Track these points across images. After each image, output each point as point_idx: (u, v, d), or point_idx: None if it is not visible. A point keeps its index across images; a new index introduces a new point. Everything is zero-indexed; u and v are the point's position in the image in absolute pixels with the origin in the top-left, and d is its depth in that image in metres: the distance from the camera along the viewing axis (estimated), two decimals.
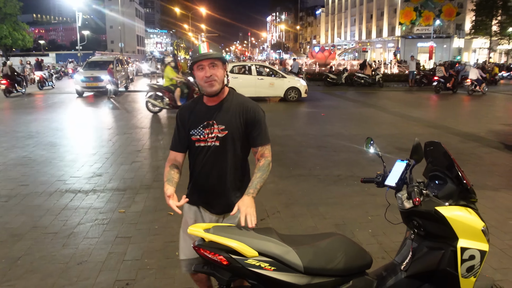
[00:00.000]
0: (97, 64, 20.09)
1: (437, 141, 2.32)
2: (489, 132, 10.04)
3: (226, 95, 2.42)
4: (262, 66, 18.08)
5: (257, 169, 2.38)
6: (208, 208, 2.47)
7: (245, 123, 2.36)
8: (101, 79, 18.62)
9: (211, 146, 2.37)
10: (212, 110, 2.39)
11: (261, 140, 2.39)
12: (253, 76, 16.69)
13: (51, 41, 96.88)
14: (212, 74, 2.26)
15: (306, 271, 1.99)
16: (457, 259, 2.06)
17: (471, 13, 45.05)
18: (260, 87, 16.52)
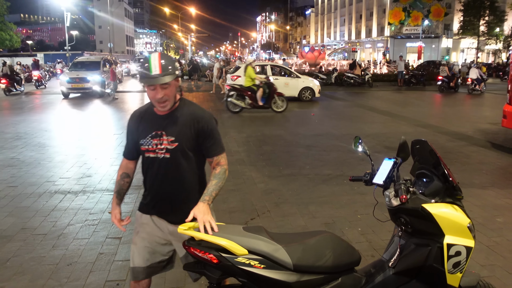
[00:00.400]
0: (84, 65, 19.46)
1: (423, 139, 2.35)
2: (476, 131, 10.17)
3: (177, 104, 2.33)
4: (278, 66, 18.17)
5: (213, 176, 2.32)
6: (164, 217, 2.39)
7: (197, 134, 2.28)
8: (87, 80, 17.92)
9: (161, 158, 2.29)
10: (161, 120, 2.30)
11: (215, 150, 2.34)
12: (269, 76, 16.64)
13: (39, 41, 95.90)
14: (164, 95, 2.18)
15: (295, 268, 2.01)
16: (443, 255, 2.10)
17: (459, 14, 45.59)
18: None
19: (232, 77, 16.80)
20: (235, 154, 7.66)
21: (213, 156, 2.34)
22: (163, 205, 2.38)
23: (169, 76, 2.16)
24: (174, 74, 2.20)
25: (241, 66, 17.81)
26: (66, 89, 18.01)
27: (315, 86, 17.09)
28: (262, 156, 7.52)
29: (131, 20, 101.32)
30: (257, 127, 10.63)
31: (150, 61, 2.15)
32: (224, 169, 2.35)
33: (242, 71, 16.13)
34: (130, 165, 2.52)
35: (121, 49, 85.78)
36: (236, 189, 5.65)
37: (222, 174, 2.33)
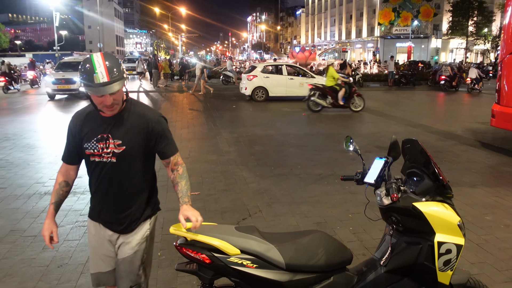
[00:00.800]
0: (70, 65, 18.52)
1: (414, 139, 2.37)
2: (466, 130, 10.27)
3: (123, 105, 2.17)
4: (293, 67, 18.25)
5: (179, 177, 2.25)
6: (108, 226, 2.27)
7: (147, 137, 2.17)
8: (73, 81, 17.01)
9: (107, 162, 2.15)
10: (107, 122, 2.15)
11: (170, 150, 2.24)
12: (284, 76, 16.91)
13: (27, 41, 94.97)
14: (113, 101, 2.05)
15: (288, 268, 2.02)
16: (434, 253, 2.12)
17: (448, 14, 46.09)
18: (290, 86, 16.72)
19: (248, 76, 16.88)
20: (226, 154, 7.65)
21: (169, 156, 2.24)
22: (109, 213, 2.25)
23: (118, 83, 2.00)
24: (123, 78, 2.03)
25: (257, 66, 17.91)
26: (52, 90, 17.35)
27: None
28: (253, 156, 7.52)
29: (121, 20, 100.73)
30: (247, 127, 10.63)
31: (95, 67, 1.97)
32: (185, 167, 2.29)
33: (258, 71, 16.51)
34: (71, 172, 2.34)
35: (111, 49, 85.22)
36: (227, 189, 5.65)
37: (186, 173, 2.28)
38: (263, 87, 16.63)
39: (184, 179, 2.25)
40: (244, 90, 16.91)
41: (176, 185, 2.25)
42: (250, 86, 16.55)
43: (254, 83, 16.60)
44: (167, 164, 2.27)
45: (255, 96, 16.61)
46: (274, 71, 17.50)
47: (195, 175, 6.22)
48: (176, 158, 2.27)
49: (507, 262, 3.72)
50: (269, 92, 16.67)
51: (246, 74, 17.21)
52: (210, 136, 9.41)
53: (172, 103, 16.64)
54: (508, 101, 7.89)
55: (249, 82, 16.61)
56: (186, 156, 7.46)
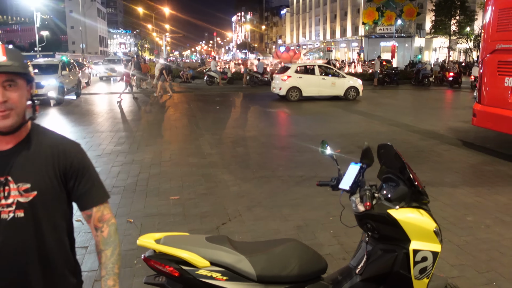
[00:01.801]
0: (40, 68, 17.23)
1: (389, 144, 2.32)
2: (449, 129, 10.35)
3: (28, 133, 1.52)
4: (325, 67, 18.40)
5: (103, 243, 1.59)
6: None
7: (65, 175, 1.52)
8: (41, 85, 15.50)
9: (9, 218, 1.44)
10: (5, 158, 1.47)
11: (95, 197, 1.59)
12: (317, 76, 17.11)
13: (8, 42, 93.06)
14: (7, 100, 1.40)
15: (259, 279, 1.95)
16: (409, 261, 2.07)
17: (431, 13, 46.62)
18: (323, 86, 17.06)
19: (282, 77, 16.93)
20: (208, 157, 7.55)
21: (92, 206, 1.58)
22: None
23: (18, 65, 1.42)
24: (26, 72, 1.46)
25: (290, 66, 17.92)
26: None
27: (359, 86, 17.53)
28: (235, 158, 7.44)
29: (104, 20, 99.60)
30: (231, 128, 10.54)
31: None
32: (114, 227, 1.63)
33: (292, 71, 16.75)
34: None
35: (94, 50, 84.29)
36: (208, 193, 5.55)
37: (114, 236, 1.61)
38: (297, 87, 16.86)
39: (111, 246, 1.59)
40: (279, 90, 17.08)
41: (99, 254, 1.60)
42: (285, 87, 16.77)
43: (288, 83, 16.84)
44: (88, 217, 1.60)
45: (289, 96, 16.80)
46: (307, 71, 17.72)
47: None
48: (102, 211, 1.60)
49: (488, 264, 3.71)
50: (302, 92, 16.91)
51: (279, 75, 17.35)
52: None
53: (159, 105, 16.46)
54: (489, 100, 7.95)
55: (283, 82, 16.82)
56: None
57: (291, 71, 17.16)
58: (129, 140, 9.06)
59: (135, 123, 11.45)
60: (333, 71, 18.07)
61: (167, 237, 2.05)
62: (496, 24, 7.61)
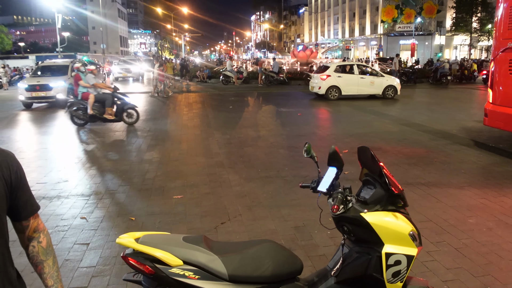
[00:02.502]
0: (50, 69, 16.82)
1: (366, 146, 2.34)
2: (462, 129, 10.18)
3: None
4: (364, 66, 18.57)
5: (43, 254, 1.60)
6: None
7: (11, 186, 1.48)
8: (49, 87, 15.18)
9: None
10: None
11: (33, 205, 1.60)
12: (356, 75, 17.30)
13: (32, 43, 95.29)
14: None
15: (231, 279, 2.00)
16: (382, 265, 2.09)
17: (451, 10, 45.72)
18: (362, 85, 17.26)
19: (321, 76, 17.11)
20: (215, 156, 7.63)
21: (30, 216, 1.58)
22: None
23: None
24: None
25: (329, 65, 18.17)
26: (25, 98, 15.24)
27: (397, 84, 17.60)
28: (242, 158, 7.49)
29: (124, 20, 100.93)
30: (241, 128, 10.61)
31: None
32: (49, 236, 1.66)
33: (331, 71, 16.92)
34: None
35: (115, 50, 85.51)
36: (211, 192, 5.63)
37: (51, 245, 1.64)
38: (336, 86, 17.06)
39: (51, 256, 1.60)
40: (318, 90, 17.24)
41: (39, 265, 1.60)
42: (324, 86, 16.93)
43: (328, 82, 17.02)
44: (22, 229, 1.59)
45: (329, 95, 17.00)
46: (346, 70, 17.84)
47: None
48: (37, 221, 1.61)
49: (484, 268, 3.66)
50: (342, 91, 17.10)
51: (319, 74, 17.50)
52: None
53: (173, 105, 16.65)
54: (501, 100, 7.80)
55: (323, 81, 16.98)
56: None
57: (330, 70, 17.33)
58: (139, 139, 9.22)
59: (147, 123, 11.62)
60: (371, 70, 18.13)
61: (146, 236, 2.13)
62: (508, 21, 7.46)
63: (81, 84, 10.92)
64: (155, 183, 6.06)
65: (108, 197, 5.50)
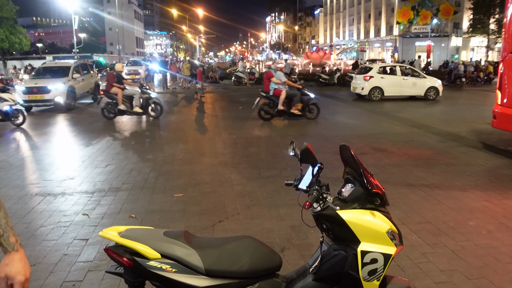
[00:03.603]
0: (51, 71, 16.02)
1: (346, 145, 2.36)
2: (471, 131, 10.05)
3: None
4: (406, 67, 18.66)
5: None
6: None
7: None
8: (48, 90, 14.36)
9: None
10: None
11: None
12: (398, 77, 17.46)
13: (50, 44, 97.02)
14: None
15: (207, 273, 2.03)
16: (358, 263, 2.10)
17: (468, 12, 45.08)
18: (404, 86, 17.41)
19: (365, 77, 17.25)
20: (220, 156, 7.69)
21: None
22: None
23: None
24: None
25: (372, 66, 18.28)
26: (23, 101, 13.40)
27: (439, 86, 17.64)
28: (246, 158, 7.53)
29: (141, 22, 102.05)
30: (249, 128, 10.65)
31: None
32: None
33: (374, 72, 17.14)
34: None
35: (131, 50, 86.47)
36: (211, 191, 5.68)
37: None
38: (379, 87, 17.17)
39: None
40: (360, 90, 17.38)
41: None
42: (367, 86, 17.04)
43: (371, 83, 17.14)
44: None
45: (372, 95, 17.13)
46: (389, 72, 17.95)
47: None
48: None
49: (479, 270, 3.63)
50: (384, 91, 17.21)
51: (361, 75, 17.63)
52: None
53: (183, 105, 16.78)
54: (510, 101, 7.69)
55: (366, 82, 17.10)
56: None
57: (373, 71, 17.45)
58: (146, 139, 9.34)
59: (155, 122, 11.74)
60: (413, 72, 18.13)
61: (128, 230, 2.18)
62: None
63: (273, 81, 11.77)
64: (158, 182, 6.14)
65: (111, 195, 5.60)
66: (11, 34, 34.83)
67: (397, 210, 4.90)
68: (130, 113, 12.01)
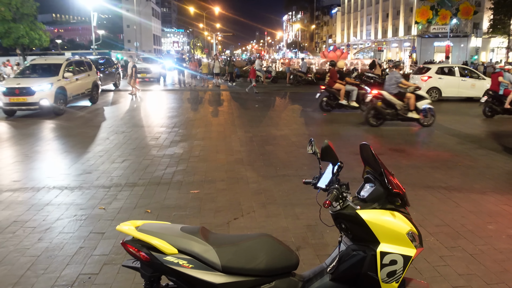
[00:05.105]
0: (40, 69, 13.78)
1: (366, 144, 2.32)
2: (491, 133, 9.86)
3: None
4: (463, 68, 18.53)
5: None
6: None
7: None
8: (32, 91, 11.98)
9: None
10: None
11: None
12: (457, 78, 17.33)
13: (70, 40, 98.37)
14: None
15: (224, 269, 2.03)
16: (377, 264, 2.06)
17: (489, 12, 44.18)
18: (462, 87, 17.23)
19: (422, 78, 17.20)
20: (236, 154, 7.69)
21: None
22: None
23: None
24: None
25: (431, 67, 18.19)
26: (3, 104, 12.09)
27: None
28: (262, 156, 7.51)
29: (158, 19, 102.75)
30: (265, 126, 10.62)
31: None
32: None
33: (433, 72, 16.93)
34: None
35: (149, 48, 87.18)
36: (227, 189, 5.68)
37: None
38: (437, 88, 17.10)
39: None
40: None
41: None
42: (425, 87, 16.83)
43: (428, 83, 17.07)
44: None
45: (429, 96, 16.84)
46: (447, 72, 17.78)
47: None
48: None
49: (499, 275, 3.55)
50: (442, 92, 17.12)
51: (418, 75, 17.58)
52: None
53: (200, 102, 16.84)
54: None
55: (423, 83, 16.97)
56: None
57: (431, 71, 17.36)
58: (163, 136, 9.39)
59: (172, 120, 11.80)
60: (476, 73, 17.92)
61: (146, 224, 2.18)
62: None
63: (501, 81, 12.39)
64: (174, 177, 6.17)
65: (127, 190, 5.64)
66: (31, 30, 35.38)
67: (415, 212, 4.83)
68: (347, 107, 13.06)
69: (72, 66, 14.22)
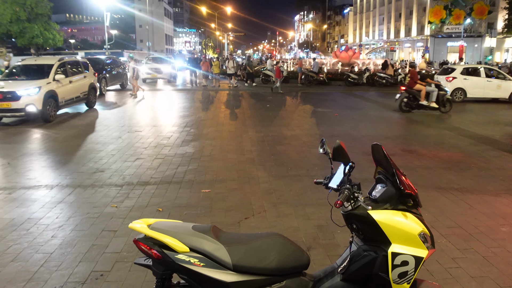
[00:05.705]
0: (29, 70, 12.34)
1: (378, 144, 2.31)
2: (505, 135, 9.73)
3: None
4: (490, 69, 18.46)
5: None
6: None
7: None
8: (16, 96, 10.56)
9: None
10: None
11: None
12: (482, 78, 17.19)
13: (83, 40, 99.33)
14: None
15: (235, 268, 2.03)
16: (388, 264, 2.06)
17: (503, 12, 43.59)
18: (488, 88, 17.07)
19: (447, 78, 17.17)
20: (247, 153, 7.70)
21: None
22: None
23: None
24: None
25: (456, 67, 18.22)
26: None
27: None
28: (273, 156, 7.51)
29: (170, 19, 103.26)
30: (276, 126, 10.62)
31: None
32: None
33: (457, 73, 16.92)
34: None
35: (161, 47, 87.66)
36: (238, 188, 5.70)
37: None
38: (462, 89, 16.99)
39: None
40: None
41: None
42: (450, 88, 16.69)
43: (453, 84, 16.98)
44: None
45: (454, 97, 16.84)
46: (473, 73, 17.67)
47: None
48: None
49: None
50: (467, 93, 17.03)
51: (443, 76, 17.48)
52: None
53: (211, 102, 16.90)
54: None
55: (449, 83, 16.89)
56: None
57: (456, 72, 17.24)
58: (175, 135, 9.44)
59: (184, 119, 11.86)
60: (502, 74, 17.74)
61: (158, 222, 2.20)
62: None
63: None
64: (185, 177, 6.21)
65: (139, 188, 5.69)
66: (45, 30, 35.93)
67: (427, 213, 4.79)
68: (427, 108, 13.21)
69: (66, 67, 12.63)
